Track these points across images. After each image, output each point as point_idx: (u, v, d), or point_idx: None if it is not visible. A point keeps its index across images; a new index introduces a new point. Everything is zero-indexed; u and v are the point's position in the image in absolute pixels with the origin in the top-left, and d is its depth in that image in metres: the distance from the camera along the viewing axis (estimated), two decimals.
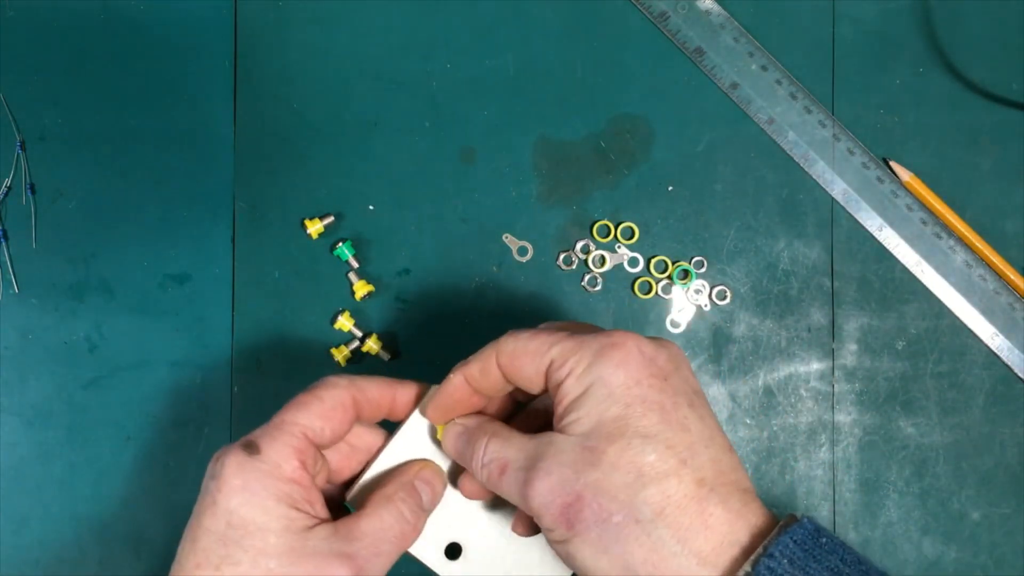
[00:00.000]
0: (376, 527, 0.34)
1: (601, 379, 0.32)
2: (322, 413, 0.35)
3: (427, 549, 0.37)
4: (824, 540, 0.30)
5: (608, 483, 0.31)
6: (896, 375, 0.50)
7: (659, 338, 0.34)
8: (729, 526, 0.31)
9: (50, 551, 0.49)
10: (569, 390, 0.32)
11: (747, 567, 0.30)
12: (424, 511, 0.36)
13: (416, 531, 0.36)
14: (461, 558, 0.37)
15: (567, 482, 0.31)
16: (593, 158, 0.51)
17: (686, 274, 0.50)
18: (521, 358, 0.34)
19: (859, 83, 0.51)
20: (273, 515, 0.32)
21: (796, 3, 0.51)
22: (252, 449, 0.33)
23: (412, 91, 0.51)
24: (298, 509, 0.33)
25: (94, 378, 0.50)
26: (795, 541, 0.30)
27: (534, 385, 0.34)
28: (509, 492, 0.33)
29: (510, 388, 0.36)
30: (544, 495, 0.31)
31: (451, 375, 0.36)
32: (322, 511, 0.34)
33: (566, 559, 0.32)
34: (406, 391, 0.38)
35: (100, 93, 0.50)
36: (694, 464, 0.31)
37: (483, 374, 0.35)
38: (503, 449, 0.34)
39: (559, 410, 0.33)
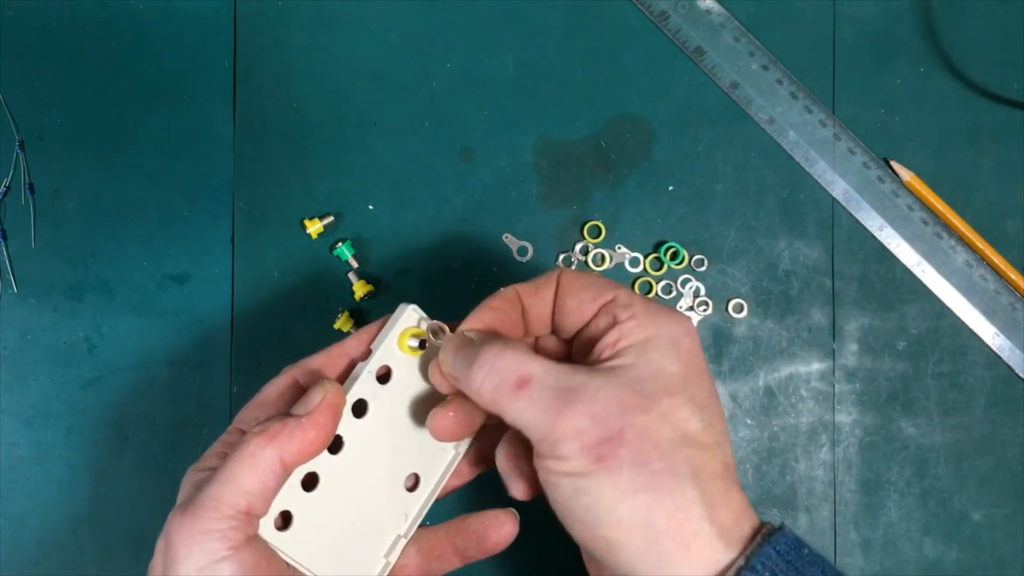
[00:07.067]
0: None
1: (669, 335, 0.32)
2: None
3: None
4: (806, 551, 0.30)
5: (654, 431, 0.30)
6: (897, 375, 0.50)
7: None
8: (743, 510, 0.31)
9: (49, 552, 0.49)
10: (628, 332, 0.32)
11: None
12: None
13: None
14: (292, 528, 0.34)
15: (611, 416, 0.30)
16: (593, 158, 0.51)
17: (675, 254, 0.50)
18: (585, 287, 0.34)
19: (860, 83, 0.51)
20: None
21: (797, 3, 0.51)
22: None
23: (412, 91, 0.51)
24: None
25: (93, 378, 0.50)
26: (777, 552, 0.30)
27: (584, 315, 0.34)
28: (525, 409, 0.31)
29: (548, 330, 0.35)
30: (580, 422, 0.30)
31: (504, 288, 0.34)
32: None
33: (572, 493, 0.30)
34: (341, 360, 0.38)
35: (99, 93, 0.50)
36: (723, 450, 0.31)
37: (538, 293, 0.34)
38: (525, 362, 0.31)
39: (606, 351, 0.32)
